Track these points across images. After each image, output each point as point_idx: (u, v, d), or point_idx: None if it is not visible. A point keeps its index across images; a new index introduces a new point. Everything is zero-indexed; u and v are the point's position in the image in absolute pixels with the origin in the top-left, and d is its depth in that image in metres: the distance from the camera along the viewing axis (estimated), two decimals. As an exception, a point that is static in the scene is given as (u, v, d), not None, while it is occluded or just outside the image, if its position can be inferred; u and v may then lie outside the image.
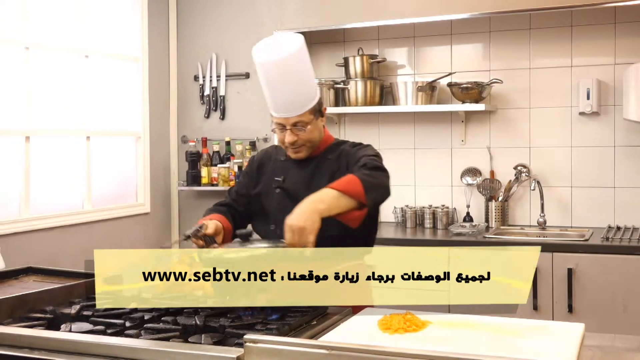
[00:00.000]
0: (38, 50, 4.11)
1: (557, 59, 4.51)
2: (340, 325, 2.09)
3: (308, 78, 2.52)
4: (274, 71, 2.50)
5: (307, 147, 2.56)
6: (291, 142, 2.52)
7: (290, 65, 2.47)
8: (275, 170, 2.66)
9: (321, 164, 2.58)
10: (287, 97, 2.49)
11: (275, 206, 2.61)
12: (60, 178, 4.31)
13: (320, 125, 2.58)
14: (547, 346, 1.81)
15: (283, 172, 2.64)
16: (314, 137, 2.55)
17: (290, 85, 2.47)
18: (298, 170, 2.61)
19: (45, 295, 2.31)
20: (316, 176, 2.57)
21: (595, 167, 4.43)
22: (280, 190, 2.60)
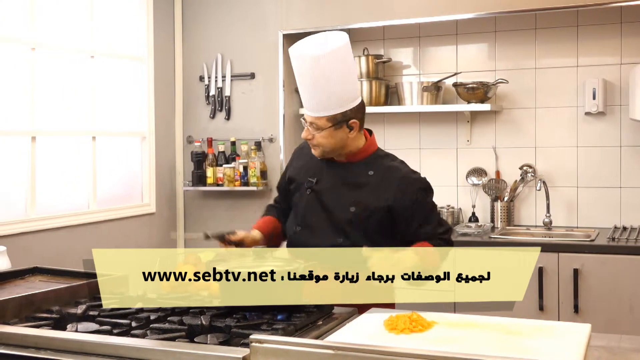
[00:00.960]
0: (44, 50, 4.12)
1: (563, 59, 4.50)
2: (346, 326, 2.09)
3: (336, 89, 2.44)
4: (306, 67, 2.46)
5: (321, 150, 2.52)
6: (304, 137, 2.51)
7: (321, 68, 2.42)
8: (310, 170, 2.62)
9: (358, 174, 2.53)
10: (311, 95, 2.46)
11: (304, 207, 2.58)
12: (66, 178, 4.32)
13: (342, 136, 2.48)
14: (554, 347, 1.81)
15: (317, 174, 2.59)
16: (327, 144, 2.49)
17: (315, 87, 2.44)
18: (332, 174, 2.57)
19: (51, 295, 2.32)
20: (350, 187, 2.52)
21: (601, 167, 4.42)
22: (311, 192, 2.57)
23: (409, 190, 2.49)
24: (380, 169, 2.52)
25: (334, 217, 2.50)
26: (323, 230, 2.51)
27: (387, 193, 2.47)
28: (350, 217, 2.47)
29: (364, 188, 2.50)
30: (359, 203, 2.47)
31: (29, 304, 2.23)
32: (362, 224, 2.47)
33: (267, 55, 4.83)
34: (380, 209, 2.46)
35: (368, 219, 2.47)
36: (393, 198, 2.46)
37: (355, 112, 2.49)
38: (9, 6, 3.91)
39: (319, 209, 2.51)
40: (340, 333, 2.00)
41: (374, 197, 2.47)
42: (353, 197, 2.48)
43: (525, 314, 3.81)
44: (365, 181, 2.50)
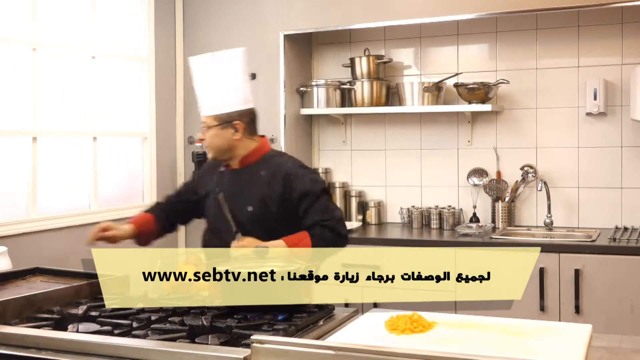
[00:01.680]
0: (45, 50, 4.12)
1: (564, 59, 4.50)
2: (346, 326, 2.09)
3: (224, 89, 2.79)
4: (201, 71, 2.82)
5: (212, 150, 2.83)
6: (198, 138, 2.87)
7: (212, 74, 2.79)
8: (213, 180, 2.92)
9: (252, 176, 2.80)
10: (203, 97, 2.82)
11: (212, 215, 2.88)
12: (67, 179, 4.32)
13: (227, 136, 2.79)
14: (555, 347, 1.81)
15: (219, 184, 2.88)
16: (215, 143, 2.80)
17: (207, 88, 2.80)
18: (231, 181, 2.85)
19: (53, 295, 2.32)
20: (247, 188, 2.80)
21: (602, 167, 4.42)
22: (215, 200, 2.81)
23: (296, 182, 2.73)
24: (270, 168, 2.79)
25: (235, 219, 2.70)
26: (227, 233, 2.70)
27: (277, 187, 2.73)
28: (248, 217, 2.73)
29: (257, 187, 2.76)
30: (254, 202, 2.75)
31: (30, 305, 2.23)
32: (260, 221, 2.72)
33: (268, 56, 4.83)
34: (273, 204, 2.73)
35: (265, 215, 2.73)
36: (282, 191, 2.72)
37: (241, 116, 2.80)
38: (10, 6, 3.91)
39: (222, 214, 2.73)
40: (341, 333, 2.00)
41: (267, 194, 2.74)
42: (249, 198, 2.76)
43: (526, 314, 3.82)
44: (258, 181, 2.77)
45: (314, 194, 2.73)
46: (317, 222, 2.69)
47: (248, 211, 2.74)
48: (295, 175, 2.76)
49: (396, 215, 4.88)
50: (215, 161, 2.94)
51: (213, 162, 2.98)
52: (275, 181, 2.75)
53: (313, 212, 2.71)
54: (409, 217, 4.75)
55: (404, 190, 4.88)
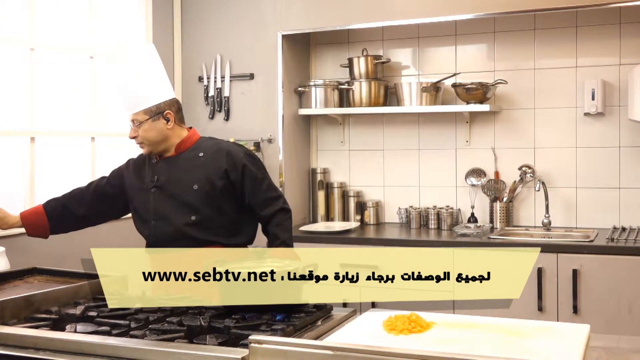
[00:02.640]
0: (43, 51, 4.11)
1: (562, 60, 4.50)
2: (345, 326, 2.09)
3: (143, 87, 2.86)
4: (120, 72, 2.87)
5: (147, 145, 2.90)
6: (130, 137, 2.90)
7: (127, 72, 2.85)
8: (148, 173, 2.96)
9: (192, 160, 2.90)
10: (126, 96, 2.86)
11: (153, 204, 2.91)
12: (65, 179, 4.31)
13: (160, 127, 2.87)
14: (553, 347, 1.81)
15: (156, 173, 2.93)
16: (150, 137, 2.86)
17: (127, 87, 2.85)
18: (168, 167, 2.92)
19: (51, 295, 2.32)
20: (188, 170, 2.88)
21: (600, 167, 4.43)
22: (155, 189, 2.91)
23: (237, 159, 2.88)
24: (208, 150, 2.92)
25: (181, 200, 2.84)
26: (175, 215, 2.85)
27: (221, 164, 2.86)
28: (195, 195, 2.83)
29: (199, 168, 2.87)
30: (199, 180, 2.84)
31: (28, 305, 2.23)
32: (208, 197, 2.83)
33: (267, 56, 4.83)
34: (219, 180, 2.84)
35: (212, 191, 2.84)
36: (226, 168, 2.85)
37: (169, 105, 2.89)
38: (7, 6, 3.90)
39: (166, 200, 2.88)
40: (339, 334, 2.00)
41: (210, 172, 2.85)
42: (193, 178, 2.85)
43: (524, 314, 3.82)
44: (198, 162, 2.88)
45: (257, 168, 2.93)
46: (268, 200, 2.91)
47: (194, 190, 2.84)
48: (236, 152, 2.91)
49: (394, 215, 4.88)
50: (143, 158, 3.05)
51: (139, 158, 3.09)
52: (217, 158, 2.88)
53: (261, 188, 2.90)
54: (407, 217, 4.75)
55: (402, 191, 4.88)
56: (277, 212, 2.92)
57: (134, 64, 2.87)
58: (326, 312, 2.22)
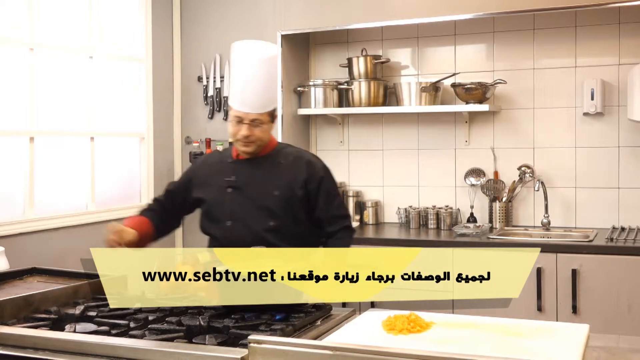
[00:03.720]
0: (42, 51, 4.11)
1: (561, 60, 4.50)
2: (344, 326, 2.09)
3: (274, 85, 2.84)
4: (254, 68, 2.77)
5: (257, 144, 2.80)
6: (246, 135, 2.77)
7: (267, 68, 2.79)
8: (224, 172, 2.87)
9: (274, 165, 2.85)
10: (255, 95, 2.76)
11: (229, 204, 2.83)
12: (65, 179, 4.31)
13: (272, 129, 2.86)
14: (552, 347, 1.81)
15: (233, 172, 2.85)
16: (265, 138, 2.81)
17: (262, 86, 2.77)
18: (248, 169, 2.85)
19: (50, 295, 2.32)
20: (269, 175, 2.83)
21: (599, 167, 4.43)
22: (232, 189, 2.83)
23: (317, 170, 2.84)
24: (288, 157, 2.86)
25: (260, 205, 2.77)
26: (254, 219, 2.77)
27: (301, 173, 2.80)
28: (275, 201, 2.77)
29: (280, 174, 2.82)
30: (281, 186, 2.78)
31: (28, 305, 2.23)
32: (286, 205, 2.77)
33: (266, 56, 4.83)
34: (298, 189, 2.78)
35: (291, 199, 2.78)
36: (305, 178, 2.80)
37: (276, 110, 2.89)
38: (7, 6, 3.90)
39: (244, 202, 2.80)
40: (338, 333, 2.00)
41: (291, 180, 2.80)
42: (274, 183, 2.80)
43: (523, 314, 3.82)
44: (279, 168, 2.83)
45: (332, 183, 2.89)
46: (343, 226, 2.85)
47: (275, 195, 2.77)
48: (315, 164, 2.86)
49: (393, 215, 4.88)
50: (211, 158, 3.03)
51: (208, 158, 3.07)
52: (298, 167, 2.82)
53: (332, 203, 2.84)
54: (406, 217, 4.75)
55: (401, 190, 4.88)
56: (342, 229, 2.86)
57: (271, 65, 2.81)
58: (325, 312, 2.23)
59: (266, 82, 2.78)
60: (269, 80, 2.79)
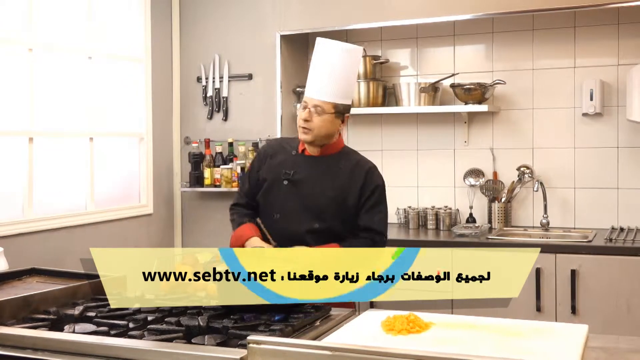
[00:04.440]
0: (41, 51, 4.11)
1: (560, 60, 4.50)
2: (343, 326, 2.09)
3: (348, 82, 2.81)
4: (332, 56, 2.77)
5: (314, 134, 2.76)
6: (304, 118, 2.75)
7: (344, 60, 2.78)
8: (285, 162, 2.86)
9: (332, 167, 2.82)
10: (324, 81, 2.76)
11: (281, 196, 2.82)
12: (64, 179, 4.31)
13: (336, 125, 2.80)
14: (551, 348, 1.81)
15: (293, 166, 2.84)
16: (323, 128, 2.76)
17: (334, 75, 2.76)
18: (308, 166, 2.83)
19: (49, 296, 2.32)
20: (325, 177, 2.80)
21: (598, 168, 4.43)
22: (288, 183, 2.81)
23: (372, 181, 2.81)
24: (348, 163, 2.83)
25: (310, 204, 2.77)
26: (300, 216, 2.76)
27: (358, 180, 2.78)
28: (327, 203, 2.75)
29: (337, 177, 2.79)
30: (335, 189, 2.76)
31: (27, 305, 2.22)
32: (337, 209, 2.75)
33: (265, 56, 4.83)
34: (351, 196, 2.76)
35: (342, 204, 2.76)
36: (362, 184, 2.78)
37: (349, 109, 2.85)
38: (6, 7, 3.90)
39: (296, 197, 2.79)
40: (337, 334, 2.00)
41: (346, 185, 2.77)
42: (328, 185, 2.78)
43: (522, 315, 3.82)
44: (337, 172, 2.80)
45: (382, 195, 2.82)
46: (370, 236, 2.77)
47: (327, 197, 2.76)
48: (372, 173, 2.83)
49: (393, 215, 4.88)
50: (277, 144, 2.98)
51: (274, 144, 3.01)
52: (357, 174, 2.80)
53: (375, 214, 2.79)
54: (405, 217, 4.75)
55: (400, 191, 4.88)
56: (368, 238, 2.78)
57: (351, 58, 2.81)
58: (325, 313, 2.22)
59: (338, 73, 2.76)
60: (343, 72, 2.77)
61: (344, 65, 2.77)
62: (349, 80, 2.82)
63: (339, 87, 2.77)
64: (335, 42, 2.80)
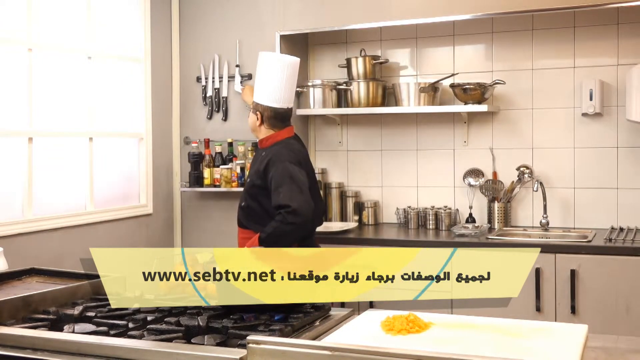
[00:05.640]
0: (41, 51, 4.11)
1: (560, 60, 4.50)
2: (343, 326, 2.09)
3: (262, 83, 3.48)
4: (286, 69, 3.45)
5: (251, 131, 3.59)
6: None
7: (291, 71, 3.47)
8: None
9: (257, 156, 3.53)
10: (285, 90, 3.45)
11: None
12: (63, 179, 4.31)
13: (253, 121, 3.51)
14: (551, 348, 1.81)
15: None
16: (251, 126, 3.55)
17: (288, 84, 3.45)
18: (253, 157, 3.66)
19: (49, 296, 2.32)
20: (252, 165, 3.55)
21: (598, 168, 4.43)
22: None
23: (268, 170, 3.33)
24: (268, 152, 3.41)
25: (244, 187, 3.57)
26: (241, 197, 3.54)
27: (261, 167, 3.37)
28: (247, 186, 3.49)
29: (255, 165, 3.48)
30: (251, 175, 3.48)
31: (26, 305, 2.22)
32: (251, 190, 3.42)
33: (265, 56, 4.83)
34: (257, 179, 3.38)
35: (252, 187, 3.41)
36: (263, 171, 3.35)
37: (262, 108, 3.49)
38: (5, 7, 3.90)
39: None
40: (337, 334, 2.00)
41: (257, 171, 3.40)
42: (251, 172, 3.53)
43: (522, 315, 3.81)
44: (258, 160, 3.47)
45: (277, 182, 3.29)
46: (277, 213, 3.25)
47: (247, 181, 3.50)
48: (273, 162, 3.34)
49: (392, 215, 4.88)
50: None
51: None
52: (263, 161, 3.38)
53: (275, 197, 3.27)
54: (405, 217, 4.75)
55: (400, 191, 4.88)
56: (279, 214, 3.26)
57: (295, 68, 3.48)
58: (324, 312, 2.22)
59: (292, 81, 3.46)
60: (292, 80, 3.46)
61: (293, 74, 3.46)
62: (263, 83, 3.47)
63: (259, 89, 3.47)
64: (280, 56, 3.63)
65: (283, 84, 3.42)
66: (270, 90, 3.43)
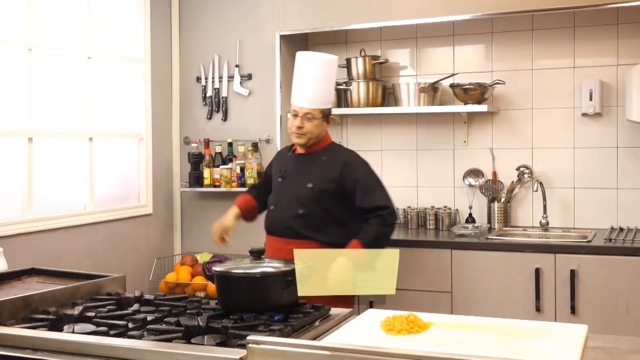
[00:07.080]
0: (41, 51, 4.11)
1: (560, 60, 4.50)
2: (343, 327, 2.09)
3: (330, 88, 3.38)
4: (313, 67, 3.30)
5: (308, 137, 3.30)
6: (298, 126, 3.28)
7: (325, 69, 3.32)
8: (281, 163, 3.45)
9: (315, 162, 3.33)
10: (310, 91, 3.28)
11: (276, 191, 3.40)
12: (63, 179, 4.31)
13: (323, 127, 3.35)
14: (551, 348, 1.81)
15: (286, 165, 3.41)
16: (315, 132, 3.30)
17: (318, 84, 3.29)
18: (296, 162, 3.38)
19: (48, 296, 2.32)
20: (307, 170, 3.32)
21: (598, 168, 4.43)
22: (281, 179, 3.38)
23: (349, 175, 3.25)
24: (330, 155, 3.33)
25: (296, 194, 3.28)
26: (288, 205, 3.29)
27: (335, 171, 3.26)
28: (307, 192, 3.26)
29: (317, 170, 3.29)
30: (313, 180, 3.27)
31: (26, 305, 2.23)
32: (316, 197, 3.24)
33: (264, 57, 4.83)
34: (330, 184, 3.24)
35: (319, 192, 3.24)
36: (339, 175, 3.25)
37: (330, 112, 3.41)
38: (5, 7, 3.90)
39: (286, 190, 3.34)
40: (337, 334, 2.00)
41: (324, 176, 3.26)
42: (309, 177, 3.28)
43: (522, 315, 3.82)
44: (318, 165, 3.30)
45: (367, 180, 3.27)
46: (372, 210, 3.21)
47: (308, 187, 3.26)
48: (353, 165, 3.30)
49: (392, 215, 4.87)
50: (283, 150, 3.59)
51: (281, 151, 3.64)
52: (334, 166, 3.27)
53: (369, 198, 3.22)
54: (405, 217, 4.75)
55: (400, 191, 4.88)
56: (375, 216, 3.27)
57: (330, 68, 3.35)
58: (324, 313, 2.22)
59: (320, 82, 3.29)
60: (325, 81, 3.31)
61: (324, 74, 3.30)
62: (331, 88, 3.39)
63: (322, 94, 3.30)
64: (314, 54, 3.36)
65: (332, 84, 3.45)
66: (330, 92, 3.42)
